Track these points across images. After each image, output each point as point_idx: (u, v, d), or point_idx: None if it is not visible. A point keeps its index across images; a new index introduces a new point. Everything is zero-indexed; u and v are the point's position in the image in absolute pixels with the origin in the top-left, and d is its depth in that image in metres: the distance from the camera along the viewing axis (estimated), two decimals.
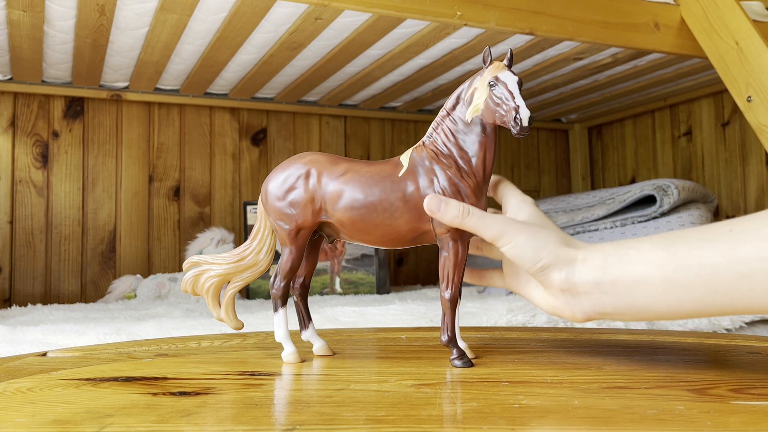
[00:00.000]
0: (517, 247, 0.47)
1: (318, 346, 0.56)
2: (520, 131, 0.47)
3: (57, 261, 1.96)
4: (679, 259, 0.42)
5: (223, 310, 0.54)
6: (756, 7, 1.52)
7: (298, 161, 0.53)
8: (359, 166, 0.52)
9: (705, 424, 0.32)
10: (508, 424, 0.32)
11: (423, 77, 1.94)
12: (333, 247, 1.83)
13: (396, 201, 0.51)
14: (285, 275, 0.53)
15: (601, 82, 2.06)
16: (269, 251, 0.55)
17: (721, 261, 0.41)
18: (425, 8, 1.31)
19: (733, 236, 0.41)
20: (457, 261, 0.50)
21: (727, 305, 0.41)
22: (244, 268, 0.55)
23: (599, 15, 1.46)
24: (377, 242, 0.52)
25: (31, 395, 0.41)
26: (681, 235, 0.44)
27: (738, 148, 2.12)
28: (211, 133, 2.17)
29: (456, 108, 0.52)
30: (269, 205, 0.53)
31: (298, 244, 0.53)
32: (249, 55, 1.71)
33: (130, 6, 1.38)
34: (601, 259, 0.46)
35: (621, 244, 0.47)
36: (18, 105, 1.95)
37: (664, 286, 0.43)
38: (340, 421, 0.34)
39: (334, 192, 0.51)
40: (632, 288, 0.44)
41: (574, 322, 0.48)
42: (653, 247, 0.44)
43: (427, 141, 0.53)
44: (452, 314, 0.51)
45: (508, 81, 0.49)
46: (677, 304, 0.43)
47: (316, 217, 0.52)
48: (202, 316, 1.20)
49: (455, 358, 0.50)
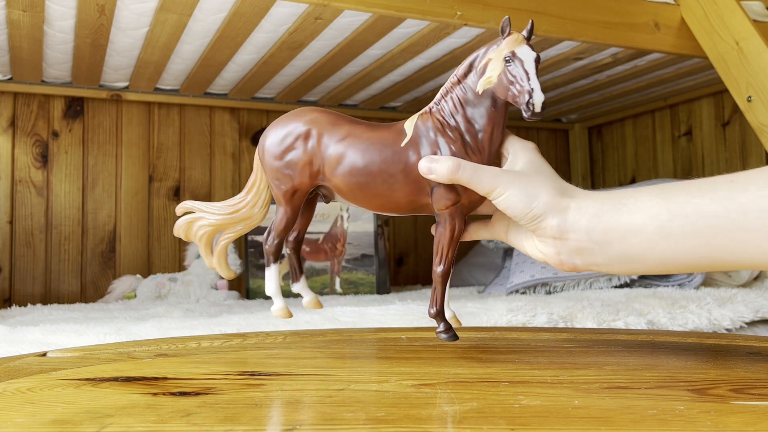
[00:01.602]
0: (509, 199, 0.46)
1: (308, 299, 0.55)
2: (532, 116, 0.46)
3: (57, 261, 1.96)
4: (676, 208, 0.41)
5: (215, 258, 0.54)
6: (756, 7, 1.52)
7: (299, 119, 0.52)
8: (361, 130, 0.51)
9: (705, 424, 0.32)
10: (508, 424, 0.32)
11: (423, 77, 1.94)
12: (333, 247, 1.83)
13: (396, 173, 0.49)
14: (279, 233, 0.52)
15: (601, 82, 2.06)
16: (264, 205, 0.54)
17: (719, 210, 0.39)
18: (425, 8, 1.31)
19: (734, 186, 0.39)
20: (453, 237, 0.50)
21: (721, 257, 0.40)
22: (238, 220, 0.54)
23: (599, 15, 1.46)
24: (374, 209, 0.52)
25: (31, 395, 0.41)
26: (681, 185, 0.43)
27: (738, 148, 2.12)
28: (211, 133, 2.17)
29: (468, 76, 0.50)
30: (266, 162, 0.52)
31: (293, 205, 0.52)
32: (249, 55, 1.71)
33: (130, 6, 1.38)
34: (597, 208, 0.45)
35: (618, 193, 0.45)
36: (18, 105, 1.95)
37: (658, 235, 0.42)
38: (340, 421, 0.34)
39: (334, 156, 0.50)
40: (624, 237, 0.43)
41: (561, 269, 0.47)
42: (651, 197, 0.43)
43: (434, 108, 0.51)
44: (442, 288, 0.51)
45: (525, 58, 0.47)
46: (670, 254, 0.42)
47: (313, 179, 0.51)
48: (202, 316, 1.20)
49: (441, 331, 0.50)
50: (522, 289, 1.56)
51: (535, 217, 0.46)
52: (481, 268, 2.14)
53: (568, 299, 1.23)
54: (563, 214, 0.45)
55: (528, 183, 0.46)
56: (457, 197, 0.49)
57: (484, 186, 0.47)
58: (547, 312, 1.06)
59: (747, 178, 0.39)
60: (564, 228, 0.45)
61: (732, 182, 0.40)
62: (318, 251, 1.83)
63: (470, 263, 2.18)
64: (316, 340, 0.67)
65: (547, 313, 1.06)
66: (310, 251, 1.83)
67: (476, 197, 0.50)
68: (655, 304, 1.17)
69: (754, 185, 0.39)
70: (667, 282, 1.47)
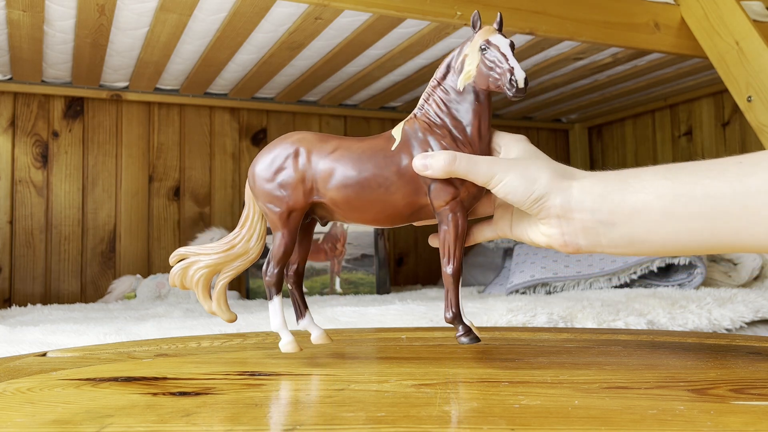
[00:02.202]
0: (509, 185, 0.45)
1: (316, 335, 0.53)
2: (517, 93, 0.46)
3: (57, 261, 1.96)
4: (682, 188, 0.40)
5: (214, 302, 0.52)
6: (756, 7, 1.52)
7: (285, 141, 0.51)
8: (349, 143, 0.50)
9: (705, 424, 0.32)
10: (508, 424, 0.32)
11: (423, 77, 1.94)
12: (333, 247, 1.83)
13: (391, 175, 0.49)
14: (278, 261, 0.51)
15: (601, 81, 2.06)
16: (260, 238, 0.53)
17: (726, 191, 0.38)
18: (425, 8, 1.31)
19: (742, 167, 0.39)
20: (458, 233, 0.49)
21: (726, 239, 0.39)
22: (234, 257, 0.52)
23: (599, 15, 1.46)
24: (373, 220, 0.50)
25: (31, 395, 0.41)
26: (688, 165, 0.42)
27: (738, 148, 2.12)
28: (211, 133, 2.17)
29: (447, 77, 0.51)
30: (257, 188, 0.51)
31: (290, 228, 0.50)
32: (249, 55, 1.71)
33: (130, 6, 1.38)
34: (601, 187, 0.44)
35: (624, 172, 0.44)
36: (18, 105, 1.95)
37: (663, 215, 0.41)
38: (340, 421, 0.34)
39: (325, 170, 0.49)
40: (629, 217, 0.42)
41: (565, 251, 0.46)
42: (656, 177, 0.42)
43: (419, 113, 0.51)
44: (455, 290, 0.49)
45: (500, 43, 0.48)
46: (675, 235, 0.41)
47: (307, 197, 0.50)
48: (202, 316, 1.20)
49: (462, 335, 0.48)
50: (522, 289, 1.56)
51: (537, 198, 0.45)
52: (481, 268, 2.14)
53: (568, 299, 1.23)
54: (566, 192, 0.45)
55: (526, 167, 0.46)
56: (455, 191, 0.49)
57: (482, 175, 0.46)
58: (547, 312, 1.06)
59: (755, 159, 0.39)
60: (568, 207, 0.44)
61: (740, 164, 0.39)
62: (318, 251, 1.83)
63: (470, 263, 2.18)
64: None
65: (547, 313, 1.06)
66: (310, 251, 1.83)
67: (474, 190, 0.49)
68: (655, 304, 1.17)
69: (762, 167, 0.38)
70: (667, 282, 1.47)
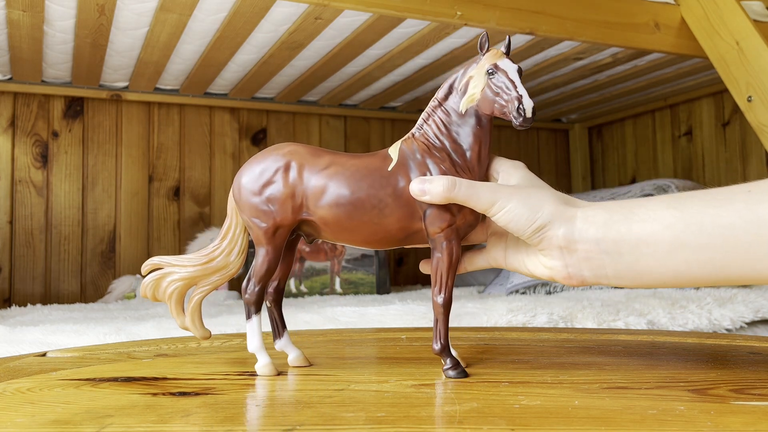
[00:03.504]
0: (510, 212, 0.44)
1: (293, 357, 0.51)
2: (523, 122, 0.45)
3: (57, 261, 1.96)
4: (691, 218, 0.39)
5: (188, 317, 0.49)
6: (756, 7, 1.52)
7: (276, 152, 0.48)
8: (344, 159, 0.48)
9: (705, 424, 0.32)
10: (508, 424, 0.32)
11: (423, 77, 1.94)
12: (333, 247, 1.83)
13: (386, 197, 0.47)
14: (260, 279, 0.48)
15: (601, 82, 2.06)
16: (241, 252, 0.50)
17: (736, 221, 0.38)
18: (425, 8, 1.31)
19: (751, 196, 0.38)
20: (452, 262, 0.47)
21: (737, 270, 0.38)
22: (212, 271, 0.49)
23: (599, 15, 1.46)
24: (362, 242, 0.48)
25: (31, 395, 0.41)
26: (694, 194, 0.41)
27: (738, 148, 2.12)
28: (211, 133, 2.17)
29: (449, 98, 0.49)
30: (243, 201, 0.48)
31: (275, 245, 0.48)
32: (249, 55, 1.71)
33: (130, 6, 1.38)
34: (605, 216, 0.42)
35: (628, 202, 0.43)
36: (18, 105, 1.95)
37: (672, 246, 0.40)
38: (340, 421, 0.34)
39: (317, 187, 0.47)
40: (636, 247, 0.41)
41: (569, 284, 0.45)
42: (663, 206, 0.41)
43: (417, 133, 0.49)
44: (445, 320, 0.47)
45: (508, 69, 0.47)
46: (684, 266, 0.40)
47: (296, 214, 0.47)
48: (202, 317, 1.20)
49: (449, 368, 0.46)
50: (522, 289, 1.56)
51: (540, 227, 0.44)
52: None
53: (568, 299, 1.23)
54: (570, 222, 0.43)
55: (528, 195, 0.45)
56: (452, 218, 0.47)
57: (483, 202, 0.45)
58: (547, 312, 1.06)
59: (764, 188, 0.38)
60: (571, 238, 0.43)
61: (749, 192, 0.38)
62: (318, 251, 1.83)
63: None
64: (316, 340, 0.67)
65: (547, 313, 1.06)
66: (309, 251, 1.83)
67: (471, 218, 0.48)
68: (655, 304, 1.17)
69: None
70: None
